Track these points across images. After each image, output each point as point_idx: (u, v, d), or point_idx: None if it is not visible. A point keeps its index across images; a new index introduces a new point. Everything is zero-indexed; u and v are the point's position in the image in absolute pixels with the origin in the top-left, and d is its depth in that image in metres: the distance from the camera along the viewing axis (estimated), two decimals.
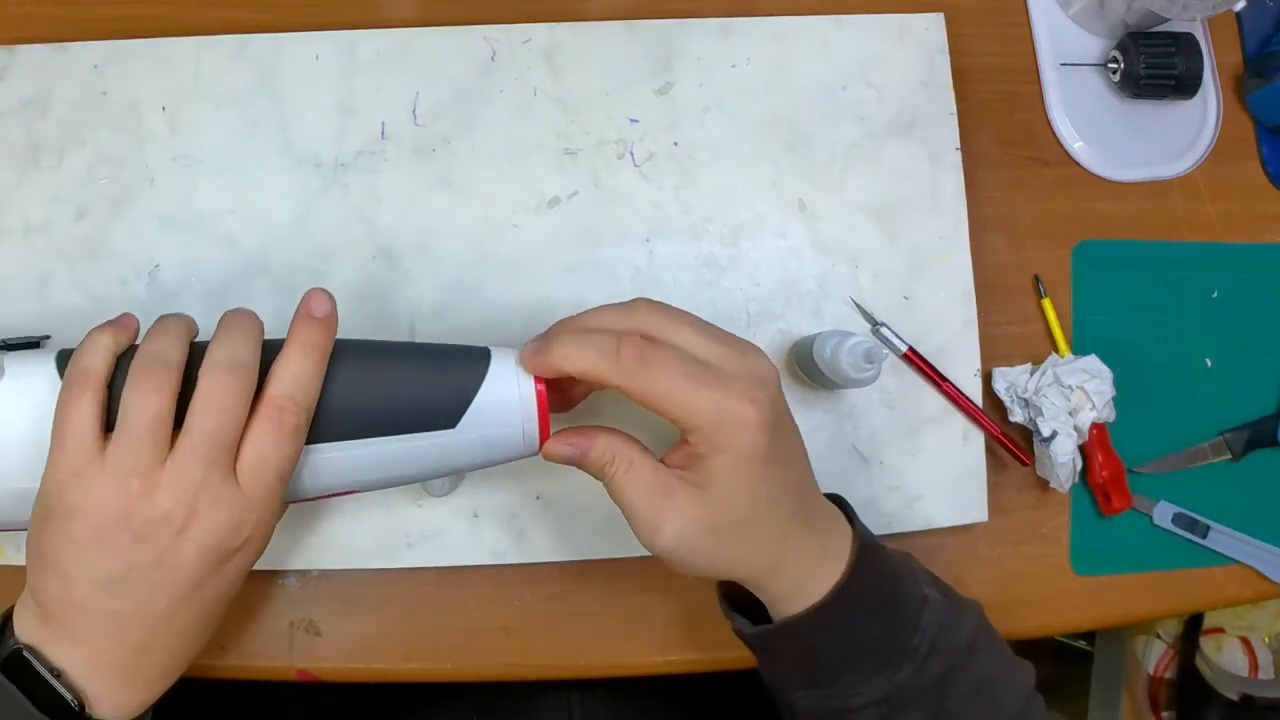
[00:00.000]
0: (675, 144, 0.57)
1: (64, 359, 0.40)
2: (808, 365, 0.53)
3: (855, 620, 0.42)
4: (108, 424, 0.38)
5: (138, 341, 0.40)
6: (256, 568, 0.52)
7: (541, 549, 0.53)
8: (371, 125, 0.56)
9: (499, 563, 0.53)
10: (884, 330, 0.56)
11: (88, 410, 0.37)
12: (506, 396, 0.41)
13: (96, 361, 0.38)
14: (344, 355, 0.41)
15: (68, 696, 0.37)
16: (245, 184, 0.55)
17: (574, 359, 0.40)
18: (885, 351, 0.48)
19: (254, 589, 0.53)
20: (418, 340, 0.53)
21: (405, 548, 0.53)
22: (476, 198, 0.55)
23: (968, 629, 0.44)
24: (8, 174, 0.54)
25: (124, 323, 0.41)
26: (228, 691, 0.65)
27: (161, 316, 0.41)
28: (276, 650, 0.53)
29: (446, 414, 0.41)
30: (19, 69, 0.55)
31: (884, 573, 0.44)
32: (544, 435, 0.42)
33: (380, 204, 0.55)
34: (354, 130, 0.55)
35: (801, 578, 0.42)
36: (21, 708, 0.36)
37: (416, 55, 0.56)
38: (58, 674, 0.38)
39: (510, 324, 0.54)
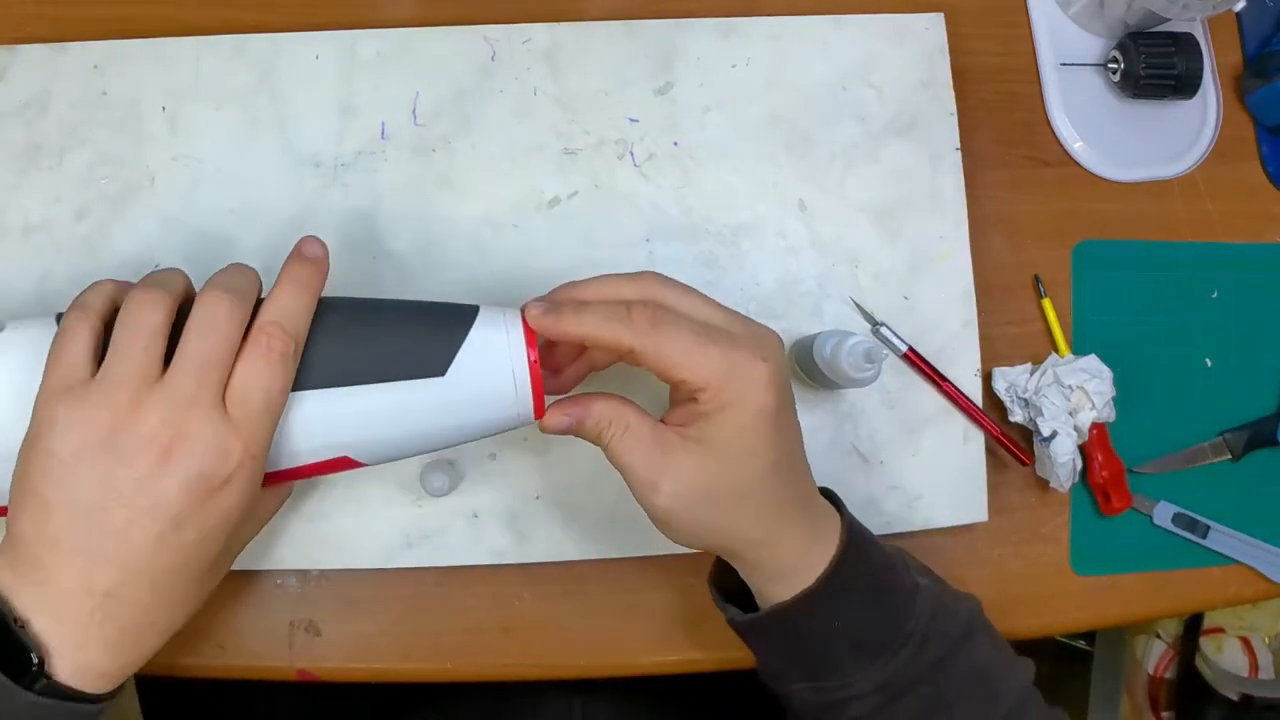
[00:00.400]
0: (675, 144, 0.57)
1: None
2: (807, 365, 0.53)
3: (847, 606, 0.42)
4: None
5: None
6: (256, 567, 0.52)
7: (541, 549, 0.53)
8: (371, 125, 0.56)
9: (499, 563, 0.53)
10: (884, 330, 0.56)
11: (83, 338, 0.37)
12: (496, 344, 0.41)
13: (97, 300, 0.39)
14: (331, 305, 0.41)
15: (30, 648, 0.35)
16: (245, 184, 0.55)
17: (585, 324, 0.40)
18: (885, 351, 0.48)
19: (254, 589, 0.53)
20: None
21: (405, 548, 0.53)
22: (476, 198, 0.55)
23: (962, 618, 0.45)
24: (8, 174, 0.54)
25: (126, 281, 0.41)
26: (228, 691, 0.65)
27: (155, 272, 0.41)
28: (276, 650, 0.53)
29: (435, 359, 0.40)
30: (19, 69, 0.55)
31: (874, 560, 0.44)
32: (539, 403, 0.42)
33: (380, 204, 0.55)
34: (354, 130, 0.55)
35: (792, 558, 0.42)
36: None
37: (416, 55, 0.56)
38: (22, 625, 0.36)
39: None
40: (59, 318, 0.40)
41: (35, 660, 0.35)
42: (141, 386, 0.36)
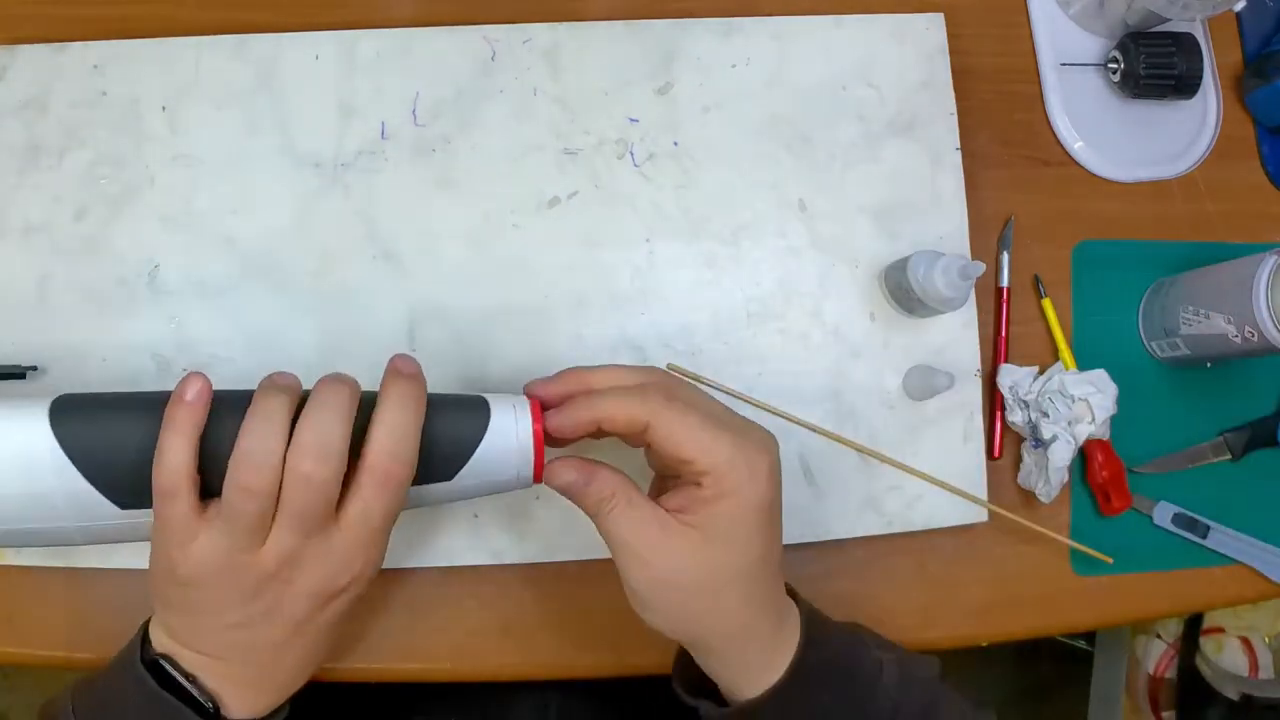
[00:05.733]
0: (675, 144, 0.57)
1: (60, 406, 0.39)
2: (899, 289, 0.53)
3: (817, 695, 0.42)
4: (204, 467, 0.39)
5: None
6: None
7: (541, 549, 0.53)
8: (372, 125, 0.56)
9: (499, 563, 0.53)
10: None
11: (183, 505, 0.38)
12: (505, 448, 0.42)
13: (182, 458, 0.38)
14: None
15: (203, 699, 0.40)
16: (245, 184, 0.55)
17: (600, 408, 0.41)
18: (981, 266, 0.50)
19: None
20: (417, 349, 0.54)
21: (405, 548, 0.53)
22: (476, 198, 0.55)
23: (928, 685, 0.45)
24: (8, 174, 0.54)
25: (196, 402, 0.39)
26: None
27: (258, 397, 0.39)
28: None
29: (444, 469, 0.42)
30: (19, 69, 0.55)
31: (836, 644, 0.44)
32: (538, 471, 0.43)
33: (380, 204, 0.55)
34: (354, 130, 0.55)
35: (761, 652, 0.42)
36: (171, 706, 0.39)
37: (416, 55, 0.56)
38: (193, 680, 0.40)
39: (510, 325, 0.54)
40: (54, 406, 0.39)
41: (211, 707, 0.41)
42: (253, 545, 0.39)
